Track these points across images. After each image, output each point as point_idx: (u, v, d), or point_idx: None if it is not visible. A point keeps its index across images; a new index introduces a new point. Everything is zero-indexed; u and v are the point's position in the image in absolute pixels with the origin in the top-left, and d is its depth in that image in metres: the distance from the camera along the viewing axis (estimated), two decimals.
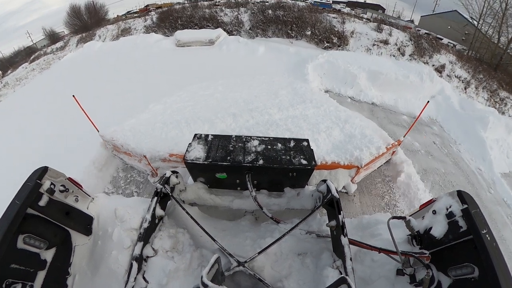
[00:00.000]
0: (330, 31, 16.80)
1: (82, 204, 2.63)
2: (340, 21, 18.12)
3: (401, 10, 43.53)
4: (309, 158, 2.99)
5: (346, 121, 5.83)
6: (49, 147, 6.49)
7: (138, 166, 5.30)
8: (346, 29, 17.09)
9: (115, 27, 23.47)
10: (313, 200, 3.20)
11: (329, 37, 16.33)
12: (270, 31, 17.70)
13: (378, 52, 15.74)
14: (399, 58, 15.05)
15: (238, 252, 2.73)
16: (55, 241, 2.35)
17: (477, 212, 2.05)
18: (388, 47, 16.06)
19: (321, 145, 4.99)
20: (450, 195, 2.28)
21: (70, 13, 37.71)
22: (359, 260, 2.74)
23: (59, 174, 2.40)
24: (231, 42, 13.79)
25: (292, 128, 5.58)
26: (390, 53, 15.65)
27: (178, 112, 6.35)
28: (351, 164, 4.55)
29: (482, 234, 1.91)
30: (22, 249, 2.10)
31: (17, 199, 2.04)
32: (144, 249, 2.56)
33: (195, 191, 3.37)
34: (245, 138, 3.29)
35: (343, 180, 4.71)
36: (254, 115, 6.10)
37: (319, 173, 4.50)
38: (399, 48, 15.88)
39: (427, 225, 2.41)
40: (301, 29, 17.06)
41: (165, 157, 4.72)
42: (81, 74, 12.19)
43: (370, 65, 10.01)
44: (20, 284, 2.02)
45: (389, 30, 17.17)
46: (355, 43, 16.52)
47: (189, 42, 14.26)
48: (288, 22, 17.46)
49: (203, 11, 20.22)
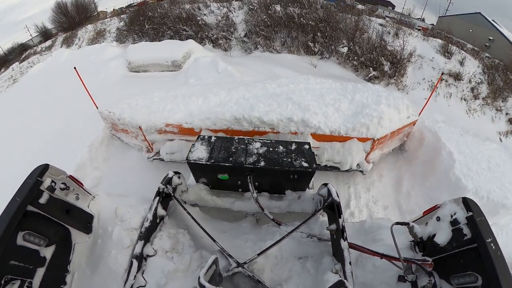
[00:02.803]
0: (381, 50, 9.78)
1: (82, 202, 2.64)
2: (391, 33, 11.38)
3: (411, 8, 41.16)
4: (310, 161, 3.01)
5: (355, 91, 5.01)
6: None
7: (135, 144, 5.18)
8: (403, 47, 10.03)
9: (93, 28, 19.20)
10: (314, 203, 3.18)
11: (378, 60, 9.49)
12: (279, 41, 11.08)
13: (446, 92, 9.50)
14: (471, 104, 9.41)
15: (238, 254, 2.71)
16: (55, 238, 2.35)
17: (482, 220, 2.01)
18: (460, 85, 9.74)
19: (330, 117, 4.38)
20: (455, 202, 2.24)
21: (55, 10, 33.75)
22: (361, 265, 2.70)
23: (60, 172, 2.41)
24: (205, 68, 8.37)
25: (294, 97, 4.73)
26: (462, 95, 9.55)
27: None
28: (366, 137, 4.30)
29: (487, 242, 1.87)
30: (22, 246, 2.10)
31: (18, 196, 2.05)
32: (145, 248, 2.56)
33: (197, 192, 3.37)
34: (247, 140, 3.32)
35: (357, 156, 4.42)
36: (251, 89, 5.19)
37: (330, 145, 4.35)
38: (473, 88, 9.75)
39: (431, 232, 2.37)
40: (331, 40, 10.42)
41: (161, 127, 4.57)
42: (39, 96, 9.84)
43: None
44: (19, 280, 2.03)
45: (460, 55, 10.68)
46: (414, 73, 9.90)
47: (144, 65, 9.62)
48: (309, 26, 10.66)
49: (181, 8, 14.22)
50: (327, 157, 4.50)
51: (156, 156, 4.95)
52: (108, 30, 17.39)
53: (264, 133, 4.41)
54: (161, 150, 4.81)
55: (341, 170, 4.53)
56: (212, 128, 4.46)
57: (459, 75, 9.84)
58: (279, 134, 4.39)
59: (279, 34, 11.11)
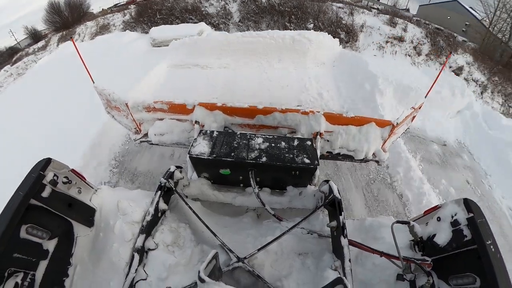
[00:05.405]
0: (336, 24, 14.22)
1: (85, 196, 2.65)
2: (347, 12, 15.67)
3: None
4: (312, 158, 2.99)
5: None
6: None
7: (126, 124, 4.52)
8: (355, 21, 14.55)
9: (94, 23, 20.59)
10: (315, 200, 3.19)
11: (336, 31, 13.74)
12: (264, 24, 15.25)
13: (392, 50, 13.51)
14: (415, 59, 13.26)
15: (238, 249, 2.73)
16: (58, 232, 2.38)
17: (483, 222, 2.01)
18: (404, 45, 13.76)
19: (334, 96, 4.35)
20: (456, 203, 2.24)
21: (49, 10, 34.40)
22: (360, 263, 2.72)
23: (63, 166, 2.42)
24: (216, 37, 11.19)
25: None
26: (406, 52, 13.54)
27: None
28: (385, 120, 3.78)
29: (487, 244, 1.87)
30: (25, 239, 2.13)
31: (21, 189, 2.06)
32: (146, 241, 2.59)
33: (199, 187, 3.38)
34: (249, 135, 3.30)
35: (374, 144, 3.89)
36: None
37: (346, 129, 3.80)
38: (415, 46, 13.75)
39: (431, 232, 2.38)
40: (302, 21, 14.68)
41: (149, 104, 3.97)
42: (57, 80, 10.34)
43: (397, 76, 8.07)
44: (22, 273, 2.05)
45: (403, 25, 14.87)
46: (366, 39, 14.07)
47: (166, 41, 11.44)
48: (286, 12, 14.99)
49: (185, 2, 17.39)
50: (341, 143, 3.94)
51: (144, 139, 4.35)
52: (113, 24, 18.91)
53: (269, 112, 3.83)
54: (149, 131, 4.24)
55: (355, 159, 4.00)
56: (207, 103, 3.89)
57: (402, 38, 14.03)
58: (286, 114, 3.80)
59: (265, 19, 15.43)
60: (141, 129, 4.30)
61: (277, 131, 3.92)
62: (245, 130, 3.99)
